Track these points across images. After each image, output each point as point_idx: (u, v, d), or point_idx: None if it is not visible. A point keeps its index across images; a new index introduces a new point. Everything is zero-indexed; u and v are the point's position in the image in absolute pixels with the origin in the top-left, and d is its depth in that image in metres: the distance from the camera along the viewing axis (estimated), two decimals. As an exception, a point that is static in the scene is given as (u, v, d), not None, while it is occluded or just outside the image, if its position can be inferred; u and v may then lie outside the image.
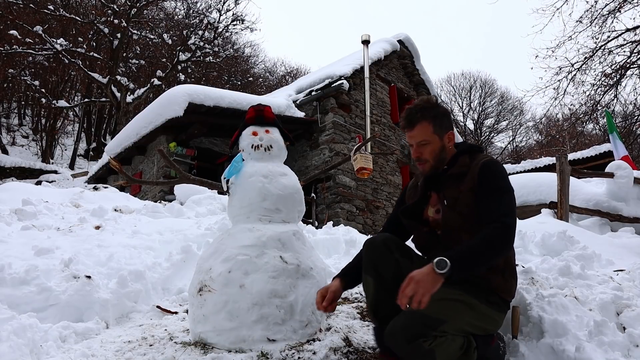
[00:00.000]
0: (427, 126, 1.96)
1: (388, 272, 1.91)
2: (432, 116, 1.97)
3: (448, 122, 2.01)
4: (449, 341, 1.70)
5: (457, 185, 1.92)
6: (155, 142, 11.39)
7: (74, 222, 4.38)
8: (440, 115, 1.99)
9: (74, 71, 22.08)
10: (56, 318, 2.66)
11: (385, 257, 1.93)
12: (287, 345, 2.19)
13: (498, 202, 1.81)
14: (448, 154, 2.00)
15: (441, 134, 1.98)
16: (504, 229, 1.75)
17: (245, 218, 2.48)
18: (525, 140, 34.94)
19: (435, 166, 1.99)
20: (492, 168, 1.89)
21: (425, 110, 1.97)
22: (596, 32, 11.35)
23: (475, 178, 1.88)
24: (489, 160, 1.93)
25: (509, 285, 1.91)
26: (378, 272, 1.92)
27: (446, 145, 1.99)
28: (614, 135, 8.67)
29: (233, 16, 23.47)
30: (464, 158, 1.98)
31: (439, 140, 1.97)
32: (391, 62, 14.44)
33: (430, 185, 2.04)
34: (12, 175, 16.88)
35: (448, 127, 2.00)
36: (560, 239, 3.64)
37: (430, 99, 2.03)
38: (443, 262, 1.60)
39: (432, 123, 1.96)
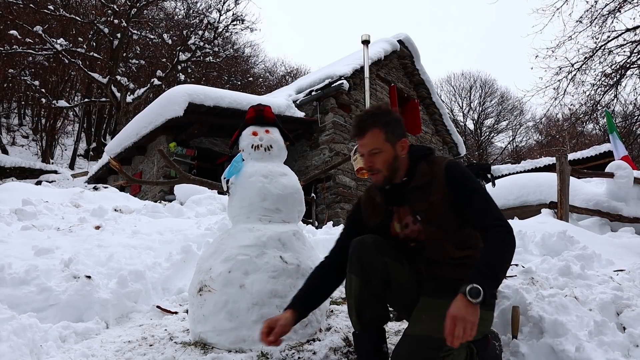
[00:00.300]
0: (378, 134, 1.84)
1: (375, 274, 1.82)
2: (383, 123, 1.85)
3: (400, 129, 1.89)
4: (455, 357, 1.68)
5: (426, 197, 1.82)
6: (155, 142, 11.39)
7: (74, 222, 4.38)
8: (393, 122, 1.87)
9: (74, 71, 22.08)
10: (56, 318, 2.66)
11: (375, 258, 1.83)
12: (287, 345, 2.19)
13: (484, 204, 1.76)
14: (402, 164, 1.88)
15: (394, 142, 1.86)
16: (507, 231, 1.71)
17: (245, 218, 2.48)
18: (525, 140, 34.95)
19: (389, 177, 1.87)
20: (457, 171, 1.82)
21: (376, 117, 1.86)
22: (596, 32, 11.36)
23: (444, 185, 1.80)
24: (450, 163, 1.85)
25: None
26: (365, 272, 1.83)
27: (399, 154, 1.87)
28: (614, 135, 8.67)
29: (233, 16, 23.48)
30: (423, 166, 1.87)
31: (391, 148, 1.85)
32: (391, 62, 14.44)
33: (391, 200, 1.91)
34: (12, 175, 16.88)
35: (401, 134, 1.88)
36: (560, 239, 3.64)
37: (381, 106, 1.93)
38: (475, 290, 1.53)
39: (383, 130, 1.84)
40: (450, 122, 16.49)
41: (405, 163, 1.90)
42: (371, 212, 1.97)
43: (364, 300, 1.83)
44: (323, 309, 2.42)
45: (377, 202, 1.95)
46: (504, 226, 1.71)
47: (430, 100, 15.58)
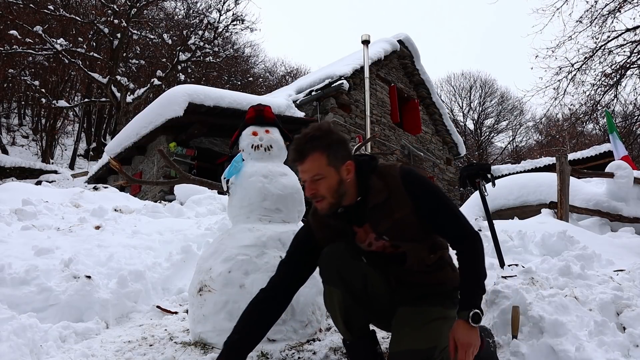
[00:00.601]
0: (319, 158, 1.68)
1: (357, 280, 1.74)
2: (324, 146, 1.68)
3: (344, 151, 1.72)
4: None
5: (388, 215, 1.71)
6: (155, 142, 11.39)
7: (74, 222, 4.38)
8: (335, 144, 1.71)
9: (74, 71, 22.07)
10: (56, 318, 2.66)
11: (353, 265, 1.75)
12: (287, 345, 2.19)
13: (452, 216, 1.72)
14: (348, 187, 1.72)
15: (337, 166, 1.69)
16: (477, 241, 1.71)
17: (245, 218, 2.48)
18: (525, 140, 34.94)
19: (335, 203, 1.71)
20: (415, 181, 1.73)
21: (316, 140, 1.69)
22: (596, 32, 11.35)
23: (407, 199, 1.70)
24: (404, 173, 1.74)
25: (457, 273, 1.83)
26: (345, 281, 1.74)
27: (344, 178, 1.70)
28: (614, 135, 8.67)
29: (233, 16, 23.47)
30: (375, 182, 1.74)
31: (335, 173, 1.69)
32: (391, 62, 14.44)
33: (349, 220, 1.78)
34: (12, 175, 16.87)
35: (345, 157, 1.72)
36: (560, 239, 3.64)
37: (322, 126, 1.74)
38: (477, 315, 1.60)
39: (325, 154, 1.68)
40: (450, 122, 16.50)
41: (354, 182, 1.74)
42: (328, 235, 1.82)
43: (350, 309, 1.76)
44: (323, 309, 2.42)
45: (332, 225, 1.81)
46: (472, 234, 1.71)
47: (430, 100, 15.58)
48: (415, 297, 1.75)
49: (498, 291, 2.34)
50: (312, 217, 1.88)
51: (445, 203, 1.73)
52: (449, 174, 15.90)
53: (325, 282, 1.80)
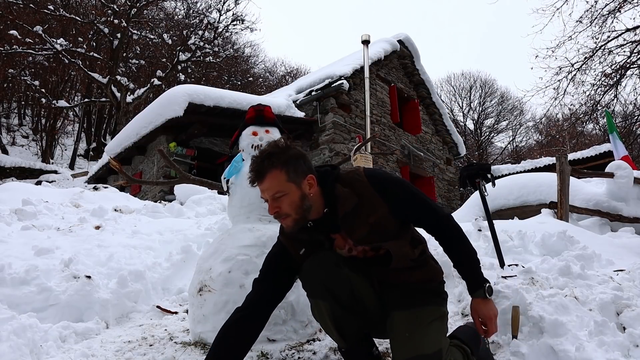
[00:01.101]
0: (278, 175, 1.65)
1: (343, 289, 1.70)
2: (282, 162, 1.66)
3: (304, 165, 1.69)
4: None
5: (362, 221, 1.68)
6: (155, 142, 11.39)
7: (74, 222, 4.38)
8: (294, 159, 1.68)
9: (74, 71, 22.08)
10: (56, 318, 2.66)
11: (337, 274, 1.70)
12: (287, 345, 2.19)
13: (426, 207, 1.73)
14: (313, 201, 1.69)
15: (298, 181, 1.66)
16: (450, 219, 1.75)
17: (245, 218, 2.48)
18: (525, 140, 34.95)
19: (300, 219, 1.68)
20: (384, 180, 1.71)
21: (273, 157, 1.66)
22: (596, 32, 11.36)
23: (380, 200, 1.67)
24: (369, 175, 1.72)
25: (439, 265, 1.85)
26: (331, 292, 1.69)
27: (307, 192, 1.67)
28: (614, 135, 8.67)
29: (233, 16, 23.49)
30: (340, 190, 1.69)
31: (296, 189, 1.66)
32: (391, 62, 14.45)
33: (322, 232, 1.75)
34: (12, 175, 16.87)
35: (306, 171, 1.69)
36: (560, 239, 3.64)
37: (278, 142, 1.72)
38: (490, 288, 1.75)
39: (284, 170, 1.65)
40: (450, 122, 16.50)
41: (318, 195, 1.70)
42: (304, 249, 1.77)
43: (341, 319, 1.72)
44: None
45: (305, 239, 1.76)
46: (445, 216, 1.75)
47: (430, 100, 15.59)
48: (407, 298, 1.71)
49: (498, 291, 2.34)
50: (282, 236, 1.82)
51: (415, 193, 1.74)
52: (449, 174, 15.91)
53: (310, 296, 1.75)
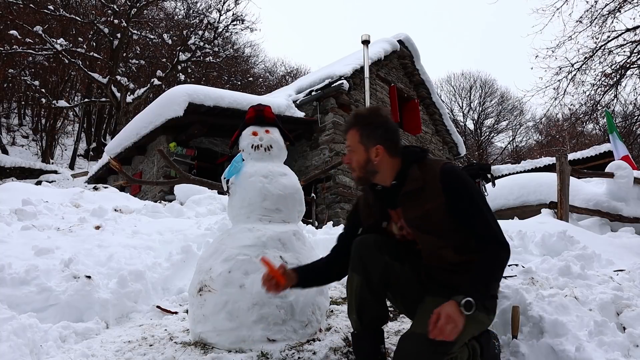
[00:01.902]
0: (354, 134, 1.87)
1: (376, 272, 1.84)
2: (361, 125, 1.87)
3: (378, 136, 1.84)
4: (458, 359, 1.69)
5: (419, 204, 1.79)
6: (155, 142, 11.39)
7: (74, 222, 4.38)
8: (373, 126, 1.85)
9: (74, 71, 22.07)
10: (56, 318, 2.66)
11: (375, 257, 1.85)
12: (287, 345, 2.19)
13: (483, 219, 1.74)
14: (380, 169, 1.85)
15: (367, 146, 1.84)
16: (503, 250, 1.72)
17: (245, 218, 2.48)
18: (525, 140, 34.95)
19: (363, 177, 1.88)
20: (454, 178, 1.77)
21: (357, 118, 1.90)
22: (596, 32, 11.37)
23: (441, 193, 1.75)
24: (445, 169, 1.79)
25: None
26: (366, 271, 1.85)
27: (372, 158, 1.83)
28: (614, 135, 8.67)
29: (233, 16, 23.52)
30: (414, 171, 1.82)
31: (364, 151, 1.85)
32: (391, 62, 14.44)
33: (385, 201, 1.90)
34: (12, 175, 16.86)
35: (378, 140, 1.84)
36: (560, 239, 3.64)
37: (372, 108, 1.94)
38: (469, 303, 1.58)
39: (359, 132, 1.86)
40: (450, 122, 16.50)
41: (392, 166, 1.85)
42: (367, 213, 1.97)
43: (365, 299, 1.84)
44: (323, 309, 2.42)
45: (370, 203, 1.95)
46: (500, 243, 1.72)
47: (430, 100, 15.58)
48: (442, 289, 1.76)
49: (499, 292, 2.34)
50: (362, 193, 2.06)
51: (479, 206, 1.76)
52: (449, 174, 15.88)
53: (350, 268, 1.90)
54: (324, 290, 2.45)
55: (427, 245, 1.82)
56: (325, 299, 2.48)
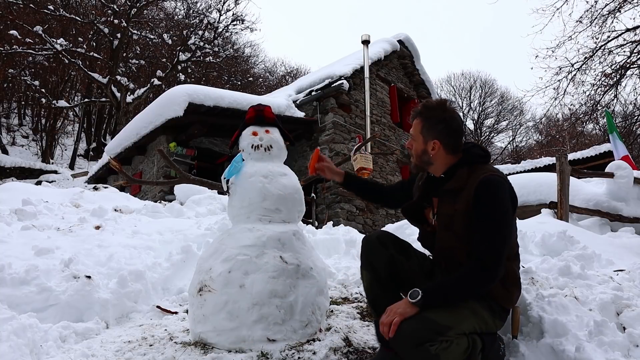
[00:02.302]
0: (418, 123, 1.98)
1: (382, 267, 1.95)
2: (426, 117, 1.96)
3: (441, 131, 1.93)
4: (454, 345, 1.71)
5: (453, 202, 1.88)
6: (155, 142, 11.39)
7: (74, 222, 4.38)
8: (436, 120, 1.94)
9: (74, 71, 22.08)
10: (56, 318, 2.66)
11: (380, 253, 1.97)
12: (287, 345, 2.19)
13: (484, 235, 1.77)
14: (435, 161, 1.96)
15: (426, 138, 1.95)
16: (481, 271, 1.75)
17: (245, 218, 2.48)
18: (525, 140, 34.97)
19: (417, 165, 2.02)
20: (487, 191, 1.81)
21: (425, 109, 1.98)
22: (596, 32, 11.36)
23: (471, 200, 1.82)
24: (487, 179, 1.83)
25: (510, 294, 1.91)
26: (373, 267, 1.97)
27: (428, 150, 1.95)
28: (614, 135, 8.67)
29: (233, 16, 23.52)
30: (462, 171, 1.90)
31: (422, 142, 1.96)
32: (391, 62, 14.45)
33: (431, 189, 2.02)
34: (12, 175, 16.87)
35: (437, 135, 1.93)
36: (560, 239, 3.63)
37: (440, 102, 2.00)
38: (416, 293, 1.71)
39: (422, 123, 1.96)
40: (450, 122, 16.47)
41: (446, 162, 1.95)
42: (416, 188, 2.13)
43: (376, 293, 1.98)
44: (323, 309, 2.42)
45: (421, 183, 2.09)
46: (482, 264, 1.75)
47: (431, 100, 15.57)
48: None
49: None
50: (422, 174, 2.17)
51: (490, 224, 1.78)
52: (449, 174, 15.89)
53: (360, 266, 2.05)
54: (323, 290, 2.45)
55: (444, 241, 1.93)
56: (325, 299, 2.48)
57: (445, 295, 1.75)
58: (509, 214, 1.83)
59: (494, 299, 1.85)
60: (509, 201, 1.84)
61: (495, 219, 1.79)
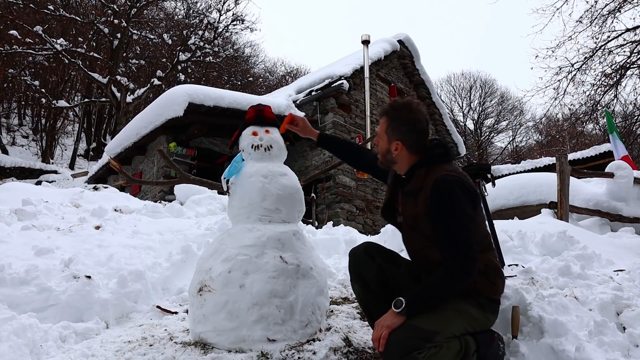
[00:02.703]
0: (383, 122, 2.02)
1: (372, 278, 1.99)
2: (392, 117, 1.99)
3: (404, 132, 1.95)
4: (444, 350, 1.71)
5: (414, 203, 1.91)
6: (155, 142, 11.39)
7: (74, 222, 4.38)
8: (401, 121, 1.96)
9: (74, 71, 22.07)
10: (56, 318, 2.66)
11: (368, 264, 2.01)
12: (287, 345, 2.19)
13: (448, 233, 1.79)
14: (398, 161, 1.99)
15: (390, 138, 1.98)
16: (458, 268, 1.76)
17: (245, 218, 2.48)
18: (525, 140, 34.95)
19: (384, 162, 2.05)
20: (442, 191, 1.82)
21: (392, 109, 2.00)
22: (596, 32, 11.36)
23: (428, 200, 1.85)
24: (438, 181, 1.84)
25: (495, 285, 1.92)
26: (362, 278, 2.01)
27: (392, 150, 1.98)
28: (614, 135, 8.67)
29: (233, 16, 23.52)
30: (421, 172, 1.93)
31: (386, 141, 2.00)
32: (391, 62, 14.45)
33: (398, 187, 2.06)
34: (12, 175, 16.86)
35: (399, 136, 1.96)
36: (560, 239, 3.64)
37: (406, 103, 2.00)
38: (400, 302, 1.73)
39: (388, 122, 2.00)
40: (450, 122, 16.50)
41: (409, 162, 1.97)
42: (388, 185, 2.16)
43: (369, 303, 2.03)
44: (323, 309, 2.42)
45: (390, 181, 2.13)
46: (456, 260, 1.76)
47: (430, 100, 15.58)
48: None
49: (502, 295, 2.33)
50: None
51: (450, 221, 1.80)
52: (449, 174, 15.87)
53: (350, 280, 2.11)
54: (323, 290, 2.45)
55: (413, 243, 1.97)
56: (325, 299, 2.48)
57: (429, 299, 1.76)
58: (468, 208, 1.83)
59: (480, 293, 1.86)
60: (464, 196, 1.84)
61: (455, 216, 1.80)
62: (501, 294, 2.00)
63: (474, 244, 1.79)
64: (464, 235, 1.78)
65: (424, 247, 1.90)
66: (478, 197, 1.90)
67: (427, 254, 1.89)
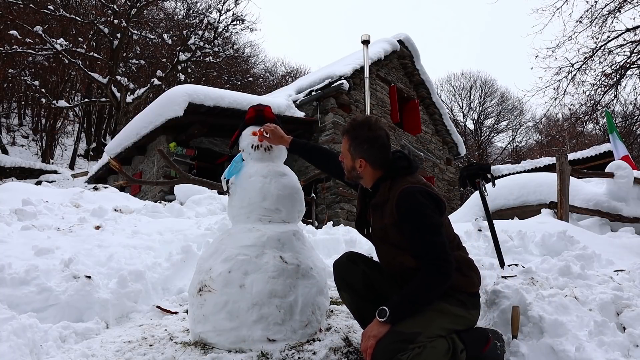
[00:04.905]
0: (345, 141, 2.07)
1: (358, 283, 2.06)
2: (352, 136, 2.03)
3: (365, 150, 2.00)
4: (429, 349, 1.74)
5: (381, 216, 1.97)
6: (155, 142, 11.38)
7: (74, 222, 4.38)
8: (361, 139, 2.00)
9: (74, 71, 22.07)
10: (56, 318, 2.66)
11: (352, 270, 2.08)
12: (287, 345, 2.19)
13: (421, 241, 1.83)
14: (364, 176, 2.05)
15: (353, 156, 2.04)
16: (436, 271, 1.79)
17: (245, 218, 2.48)
18: (525, 140, 34.95)
19: (350, 177, 2.11)
20: (407, 203, 1.87)
21: (352, 128, 2.04)
22: (596, 32, 11.36)
23: (395, 212, 1.89)
24: (402, 193, 1.89)
25: (471, 279, 1.95)
26: (349, 284, 2.08)
27: (357, 168, 2.04)
28: (614, 135, 8.68)
29: (233, 16, 23.50)
30: (385, 185, 1.98)
31: (350, 159, 2.06)
32: (391, 62, 14.44)
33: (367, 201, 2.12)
34: (12, 175, 16.86)
35: (361, 154, 2.01)
36: (560, 239, 3.64)
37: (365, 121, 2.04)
38: (383, 311, 1.76)
39: (350, 141, 2.04)
40: (450, 122, 16.49)
41: (373, 177, 2.04)
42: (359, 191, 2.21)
43: (360, 307, 2.08)
44: (323, 309, 2.42)
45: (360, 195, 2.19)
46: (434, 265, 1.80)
47: (430, 100, 15.58)
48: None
49: (498, 291, 2.34)
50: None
51: (421, 230, 1.84)
52: (449, 174, 15.90)
53: (338, 289, 2.16)
54: (323, 290, 2.45)
55: (385, 254, 2.02)
56: (325, 299, 2.48)
57: (412, 304, 1.78)
58: (434, 214, 1.88)
59: (458, 290, 1.89)
60: (429, 204, 1.88)
61: (425, 223, 1.84)
62: (478, 287, 2.03)
63: (446, 247, 1.84)
64: (437, 240, 1.83)
65: (396, 256, 1.95)
66: (443, 204, 1.94)
67: (401, 261, 1.93)
